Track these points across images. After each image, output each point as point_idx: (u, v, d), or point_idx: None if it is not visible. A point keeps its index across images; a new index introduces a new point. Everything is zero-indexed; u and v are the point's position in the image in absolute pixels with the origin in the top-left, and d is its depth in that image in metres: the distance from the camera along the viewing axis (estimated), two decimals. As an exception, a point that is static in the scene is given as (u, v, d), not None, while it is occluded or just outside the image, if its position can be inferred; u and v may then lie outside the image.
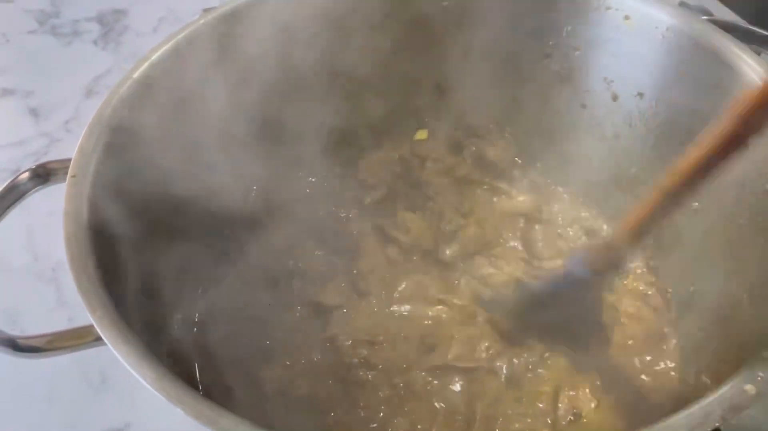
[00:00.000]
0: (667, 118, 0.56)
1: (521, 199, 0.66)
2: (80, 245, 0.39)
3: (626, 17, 0.56)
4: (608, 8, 0.56)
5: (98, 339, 0.36)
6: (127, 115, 0.47)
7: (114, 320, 0.36)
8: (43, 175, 0.46)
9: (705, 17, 0.57)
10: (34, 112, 0.82)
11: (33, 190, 0.46)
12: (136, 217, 0.44)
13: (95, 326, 0.36)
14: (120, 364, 0.40)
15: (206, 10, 0.57)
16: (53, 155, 0.77)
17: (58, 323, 0.62)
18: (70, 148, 0.77)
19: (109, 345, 0.35)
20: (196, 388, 0.48)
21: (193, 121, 0.52)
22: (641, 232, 0.45)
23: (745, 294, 0.46)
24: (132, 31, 0.93)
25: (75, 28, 0.94)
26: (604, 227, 0.63)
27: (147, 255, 0.46)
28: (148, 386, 0.34)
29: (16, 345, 0.41)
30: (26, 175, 0.45)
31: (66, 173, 0.44)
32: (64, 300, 0.64)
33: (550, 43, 0.61)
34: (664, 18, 0.54)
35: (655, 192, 0.42)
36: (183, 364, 0.50)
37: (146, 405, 0.56)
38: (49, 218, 0.54)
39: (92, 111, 0.81)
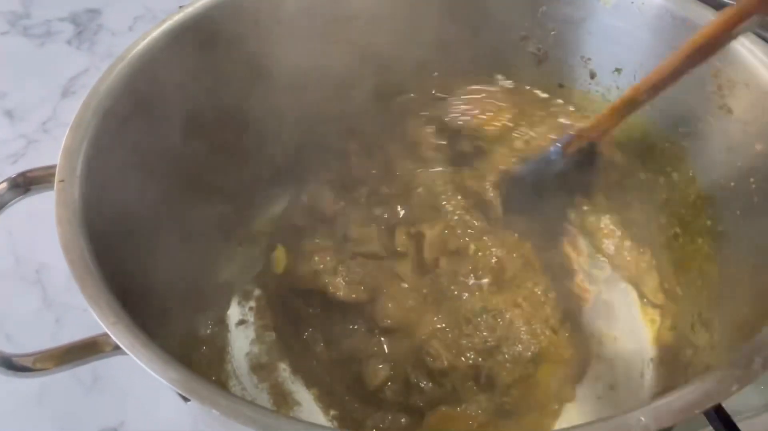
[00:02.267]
0: (646, 92, 0.57)
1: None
2: (80, 252, 0.38)
3: (601, -6, 0.56)
4: (582, -14, 0.57)
5: (116, 348, 0.35)
6: (109, 116, 0.46)
7: (128, 326, 0.35)
8: (23, 184, 0.43)
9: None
10: (9, 114, 0.81)
11: (13, 201, 0.43)
12: (130, 215, 0.44)
13: (110, 335, 0.34)
14: (111, 363, 0.39)
15: (182, 8, 0.56)
16: (32, 156, 0.76)
17: (46, 325, 0.62)
18: (48, 148, 0.78)
19: (130, 353, 0.33)
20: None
21: (173, 118, 0.52)
22: (615, 121, 0.52)
23: (737, 258, 0.46)
24: (107, 30, 0.92)
25: (47, 29, 0.93)
26: (584, 207, 0.63)
27: (148, 253, 0.45)
28: (177, 390, 0.32)
29: (12, 365, 0.40)
30: (4, 185, 0.43)
31: (47, 180, 0.42)
32: (50, 301, 0.63)
33: (526, 24, 0.62)
34: (639, -8, 0.54)
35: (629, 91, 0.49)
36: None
37: (139, 403, 0.56)
38: (28, 220, 0.53)
39: (70, 111, 0.80)
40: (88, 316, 0.62)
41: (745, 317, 0.44)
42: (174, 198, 0.52)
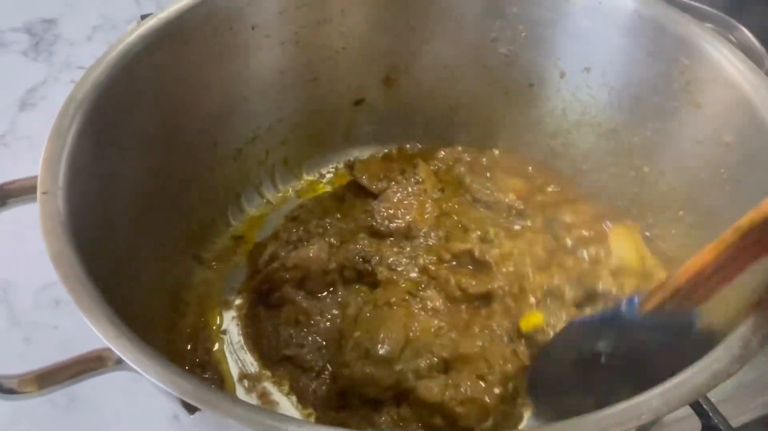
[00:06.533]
0: (615, 89, 0.58)
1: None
2: (70, 264, 0.36)
3: (569, -5, 0.57)
4: (550, -13, 0.58)
5: (118, 363, 0.34)
6: (88, 124, 0.44)
7: (131, 338, 0.33)
8: (0, 197, 0.41)
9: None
10: (-35, 128, 0.77)
11: None
12: (116, 218, 0.42)
13: (114, 350, 0.33)
14: (86, 382, 0.38)
15: (144, 17, 0.54)
16: (-10, 171, 0.73)
17: (14, 345, 0.59)
18: (8, 162, 0.75)
19: (137, 367, 0.32)
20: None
21: (150, 126, 0.51)
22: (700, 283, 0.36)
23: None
24: (64, 40, 0.89)
25: (0, 40, 0.89)
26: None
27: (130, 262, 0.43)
28: (191, 401, 0.31)
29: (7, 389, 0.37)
30: (-21, 199, 0.41)
31: (26, 192, 0.40)
32: (17, 320, 0.61)
33: (496, 26, 0.63)
34: (606, -7, 0.56)
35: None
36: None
37: (119, 422, 0.54)
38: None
39: (29, 124, 0.79)
40: (58, 334, 0.61)
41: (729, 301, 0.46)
42: (151, 207, 0.51)
